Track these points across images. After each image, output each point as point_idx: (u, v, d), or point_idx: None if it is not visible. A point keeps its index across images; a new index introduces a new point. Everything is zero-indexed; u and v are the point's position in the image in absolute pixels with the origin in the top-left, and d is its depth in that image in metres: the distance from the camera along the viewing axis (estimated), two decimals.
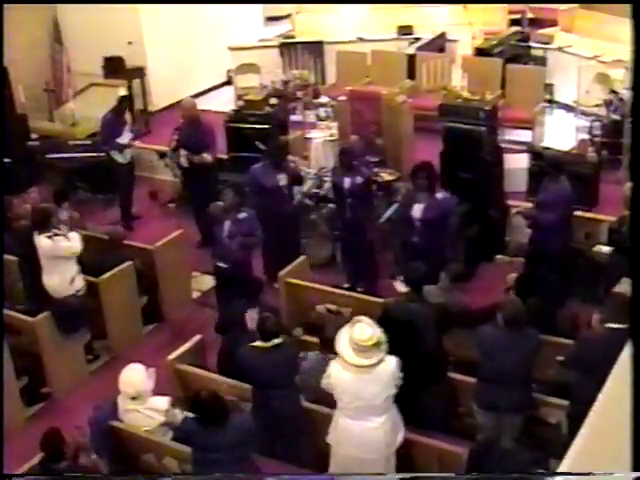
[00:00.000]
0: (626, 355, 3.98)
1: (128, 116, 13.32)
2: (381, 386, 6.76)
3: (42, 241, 8.95)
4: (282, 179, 10.35)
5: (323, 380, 7.00)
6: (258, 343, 7.28)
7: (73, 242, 9.06)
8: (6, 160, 12.61)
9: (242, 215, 9.40)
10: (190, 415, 6.83)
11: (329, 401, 7.14)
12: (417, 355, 7.38)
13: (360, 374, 6.69)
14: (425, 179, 9.25)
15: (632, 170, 4.80)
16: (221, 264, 9.57)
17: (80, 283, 9.22)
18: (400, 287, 7.86)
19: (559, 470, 3.66)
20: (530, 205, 9.73)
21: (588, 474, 3.55)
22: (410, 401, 7.15)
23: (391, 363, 6.79)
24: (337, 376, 6.81)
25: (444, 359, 7.82)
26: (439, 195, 9.29)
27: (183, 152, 11.47)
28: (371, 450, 6.85)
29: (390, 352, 6.99)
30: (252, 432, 6.78)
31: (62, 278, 9.07)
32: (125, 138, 12.34)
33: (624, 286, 7.96)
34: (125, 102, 12.76)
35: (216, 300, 9.95)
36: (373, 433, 6.82)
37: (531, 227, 9.47)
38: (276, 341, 7.25)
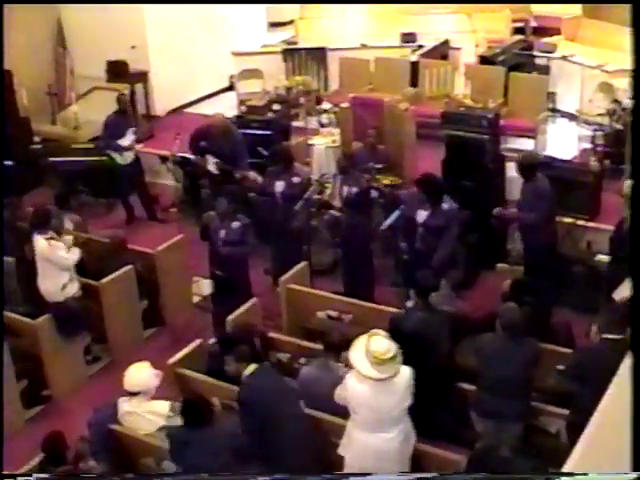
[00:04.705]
0: (627, 365, 3.98)
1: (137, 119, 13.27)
2: (398, 398, 6.76)
3: (39, 241, 8.97)
4: (279, 186, 10.38)
5: (338, 392, 6.96)
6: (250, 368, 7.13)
7: (72, 255, 9.09)
8: (9, 163, 12.64)
9: (235, 224, 9.47)
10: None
11: (331, 408, 7.14)
12: (427, 365, 7.36)
13: (377, 387, 6.67)
14: (431, 192, 9.29)
15: (633, 177, 4.80)
16: (217, 272, 9.63)
17: (72, 290, 9.21)
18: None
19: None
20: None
21: (588, 474, 3.56)
22: (420, 412, 7.14)
23: (406, 374, 6.79)
24: (354, 389, 6.76)
25: (454, 369, 7.79)
26: (445, 205, 9.32)
27: (212, 159, 11.48)
28: (387, 461, 6.82)
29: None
30: (237, 442, 6.74)
31: (54, 283, 9.10)
32: (127, 140, 12.35)
33: (621, 292, 7.99)
34: (124, 101, 12.76)
35: (212, 307, 10.00)
36: (389, 444, 6.80)
37: (519, 230, 9.53)
38: (252, 367, 7.11)
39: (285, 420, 6.99)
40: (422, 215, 9.35)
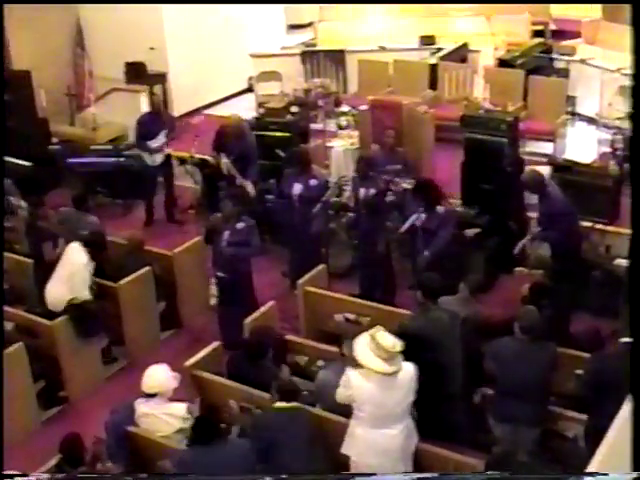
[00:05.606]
0: None
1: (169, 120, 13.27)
2: (402, 393, 6.77)
3: (80, 251, 9.03)
4: (297, 189, 10.38)
5: (341, 392, 6.92)
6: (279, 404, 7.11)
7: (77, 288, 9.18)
8: (27, 163, 12.69)
9: (240, 225, 9.47)
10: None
11: (348, 412, 7.11)
12: (441, 365, 7.36)
13: (383, 383, 6.68)
14: (427, 198, 9.42)
15: (633, 182, 4.77)
16: (220, 273, 9.63)
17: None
18: None
19: None
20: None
21: (588, 474, 3.53)
22: (436, 414, 7.11)
23: (409, 369, 6.81)
24: (360, 387, 6.76)
25: (470, 371, 7.76)
26: (440, 208, 9.44)
27: (225, 159, 11.50)
28: (391, 457, 6.84)
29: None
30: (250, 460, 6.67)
31: (62, 295, 9.16)
32: (158, 142, 12.33)
33: None
34: (157, 102, 12.77)
35: (217, 311, 10.01)
36: (392, 440, 6.82)
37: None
38: (280, 405, 7.04)
39: (289, 461, 6.88)
40: (420, 219, 9.45)
